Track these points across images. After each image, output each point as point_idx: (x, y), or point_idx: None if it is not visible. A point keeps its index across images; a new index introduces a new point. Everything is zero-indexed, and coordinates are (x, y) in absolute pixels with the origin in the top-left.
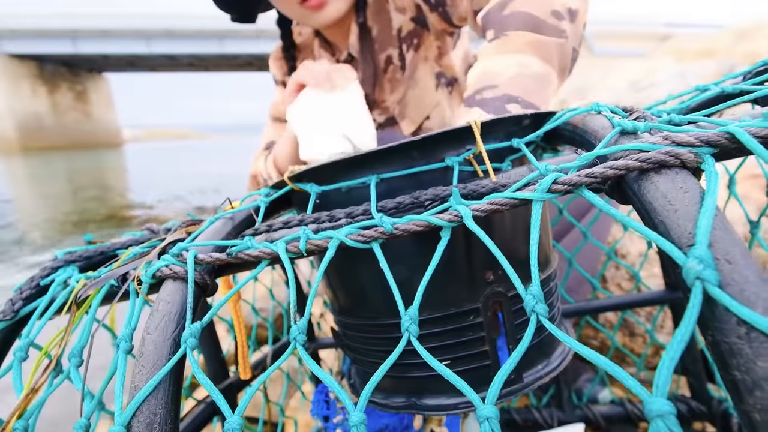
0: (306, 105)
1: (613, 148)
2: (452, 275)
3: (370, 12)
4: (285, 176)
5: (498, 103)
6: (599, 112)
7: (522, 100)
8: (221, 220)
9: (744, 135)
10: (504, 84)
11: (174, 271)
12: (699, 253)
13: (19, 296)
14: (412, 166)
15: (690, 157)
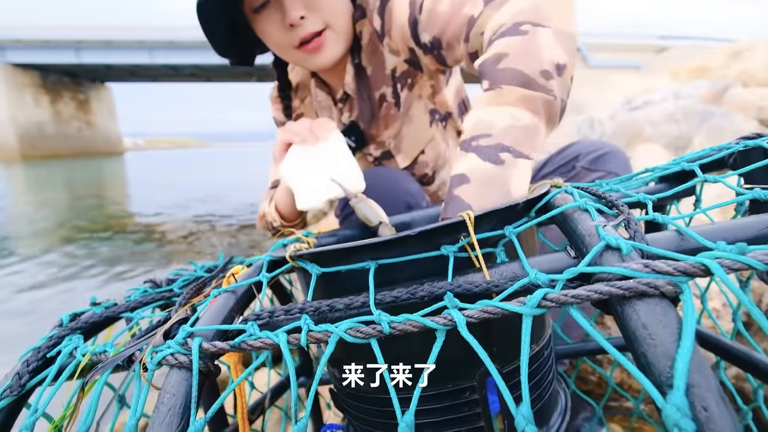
0: (295, 160)
1: (598, 268)
2: (448, 353)
3: (365, 53)
4: (287, 254)
5: (492, 151)
6: (586, 209)
7: (513, 149)
8: (224, 295)
9: (719, 270)
10: (497, 134)
11: (179, 361)
12: (677, 401)
13: (26, 369)
14: (410, 252)
15: (669, 290)
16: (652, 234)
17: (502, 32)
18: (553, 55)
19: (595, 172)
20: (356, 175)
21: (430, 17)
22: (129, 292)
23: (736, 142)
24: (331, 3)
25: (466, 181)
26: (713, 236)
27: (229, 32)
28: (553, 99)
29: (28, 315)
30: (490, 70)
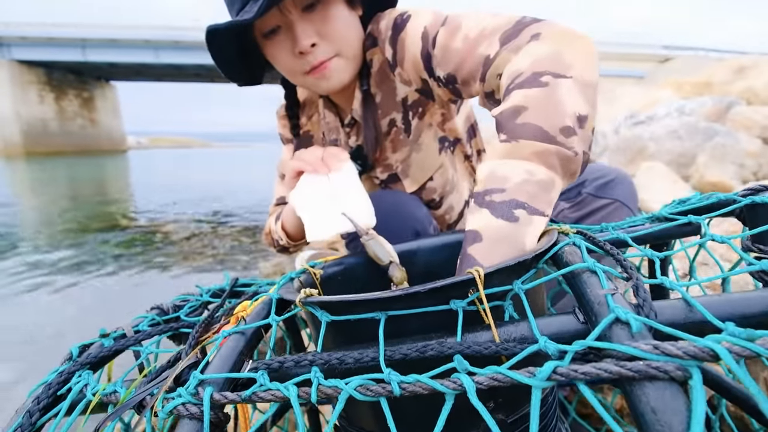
0: (306, 190)
1: (607, 344)
2: (454, 405)
3: (374, 80)
4: (297, 300)
5: (506, 208)
6: (594, 271)
7: (528, 206)
8: (234, 336)
9: (727, 356)
10: (512, 189)
11: (190, 412)
12: None
13: (36, 407)
14: (420, 305)
15: (678, 375)
16: (659, 302)
17: (521, 82)
18: (574, 108)
19: (602, 199)
20: (367, 209)
21: (444, 53)
22: (137, 321)
23: (743, 195)
24: (343, 31)
25: (479, 239)
26: (721, 310)
27: (237, 56)
28: (572, 155)
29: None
30: (509, 123)
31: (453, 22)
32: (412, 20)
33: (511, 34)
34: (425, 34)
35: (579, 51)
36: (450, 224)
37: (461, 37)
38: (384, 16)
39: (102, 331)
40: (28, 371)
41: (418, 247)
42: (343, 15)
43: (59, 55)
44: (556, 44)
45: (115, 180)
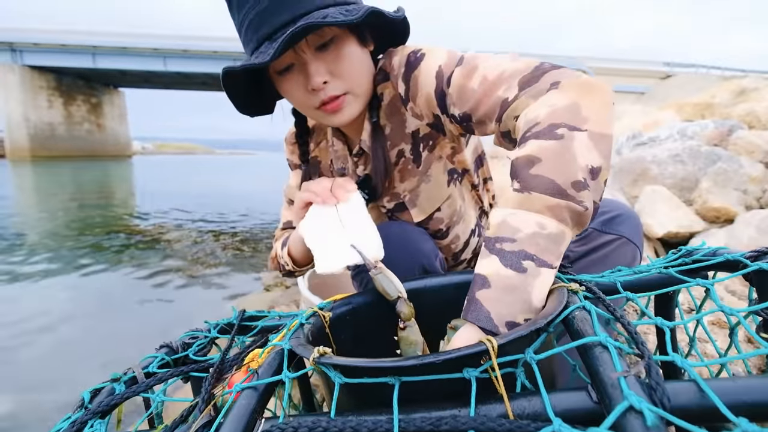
0: (314, 221)
1: None
2: None
3: (384, 112)
4: (312, 359)
5: (515, 258)
6: (606, 347)
7: (537, 258)
8: (246, 392)
9: None
10: (522, 240)
11: None
12: None
13: None
14: (433, 372)
15: None
16: (671, 384)
17: (537, 132)
18: (587, 160)
19: (608, 234)
20: (375, 241)
21: (460, 93)
22: (146, 361)
23: (750, 258)
24: (354, 70)
25: (487, 285)
26: (734, 396)
27: (250, 90)
28: (582, 210)
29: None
30: (523, 173)
31: (470, 63)
32: (426, 59)
33: (531, 80)
34: (440, 74)
35: (595, 103)
36: (455, 253)
37: (479, 79)
38: (397, 53)
39: (113, 375)
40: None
41: (425, 286)
42: (354, 54)
43: (70, 61)
44: (574, 96)
45: (119, 185)
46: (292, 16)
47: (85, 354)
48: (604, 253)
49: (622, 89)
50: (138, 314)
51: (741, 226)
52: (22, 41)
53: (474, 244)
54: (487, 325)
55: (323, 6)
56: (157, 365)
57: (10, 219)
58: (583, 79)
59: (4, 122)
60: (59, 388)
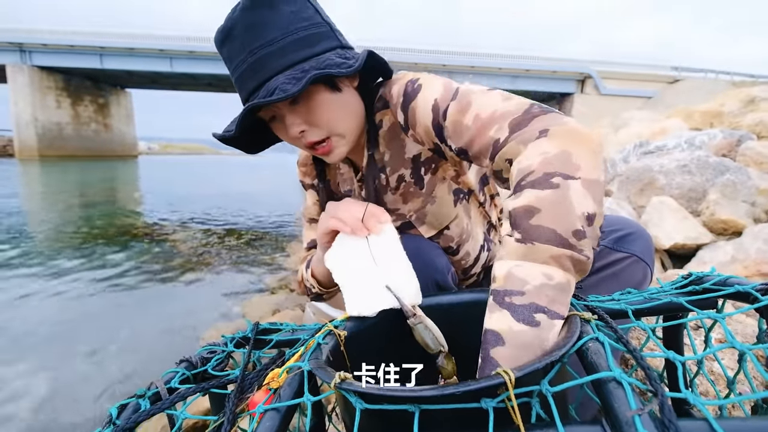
0: (343, 253)
1: None
2: None
3: (383, 139)
4: (332, 384)
5: (526, 312)
6: (620, 383)
7: (548, 310)
8: (269, 415)
9: None
10: (531, 293)
11: None
12: None
13: None
14: (452, 402)
15: None
16: (683, 422)
17: (533, 182)
18: (583, 208)
19: (619, 252)
20: (413, 284)
21: (455, 128)
22: (168, 376)
23: (761, 291)
24: (330, 116)
25: (501, 342)
26: None
27: (252, 133)
28: (585, 259)
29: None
30: (523, 223)
31: (464, 98)
32: (422, 91)
33: (521, 123)
34: (435, 107)
35: (585, 151)
36: (466, 268)
37: (472, 116)
38: (395, 82)
39: (139, 392)
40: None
41: (438, 304)
42: (326, 101)
43: (78, 62)
44: (563, 144)
45: (125, 185)
46: (257, 82)
47: (88, 350)
48: (615, 271)
49: (629, 93)
50: (143, 314)
51: (749, 239)
52: (30, 42)
53: (483, 259)
54: None
55: (281, 69)
56: (179, 380)
57: (18, 217)
58: (571, 126)
59: (13, 122)
60: (64, 382)
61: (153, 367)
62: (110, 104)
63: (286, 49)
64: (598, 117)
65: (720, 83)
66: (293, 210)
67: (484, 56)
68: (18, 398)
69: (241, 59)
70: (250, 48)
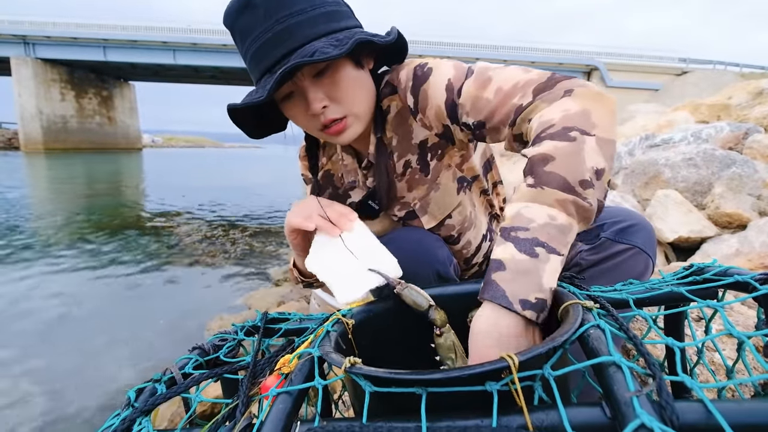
0: (322, 253)
1: None
2: None
3: (390, 125)
4: (343, 368)
5: (528, 244)
6: (620, 367)
7: (548, 245)
8: (282, 398)
9: None
10: (535, 229)
11: None
12: None
13: None
14: (457, 384)
15: None
16: (680, 403)
17: (552, 133)
18: (594, 162)
19: (621, 244)
20: (391, 261)
21: (474, 103)
22: (182, 362)
23: (760, 281)
24: (351, 93)
25: (502, 267)
26: (738, 417)
27: (260, 113)
28: (588, 206)
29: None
30: (537, 169)
31: (483, 75)
32: (434, 73)
33: (545, 87)
34: (449, 86)
35: (604, 111)
36: (467, 258)
37: (494, 90)
38: (403, 67)
39: (155, 376)
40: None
41: (441, 294)
42: (350, 77)
43: (81, 54)
44: (585, 103)
45: (129, 177)
46: (286, 50)
47: (100, 338)
48: (617, 262)
49: (636, 86)
50: (150, 304)
51: (753, 232)
52: (34, 34)
53: (485, 249)
54: (503, 302)
55: (315, 38)
56: (192, 366)
57: (24, 211)
58: (595, 89)
59: (18, 115)
60: (75, 366)
61: (161, 354)
62: (114, 97)
63: (316, 20)
64: None
65: (728, 75)
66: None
67: (489, 48)
68: (34, 384)
69: (265, 27)
70: (277, 17)
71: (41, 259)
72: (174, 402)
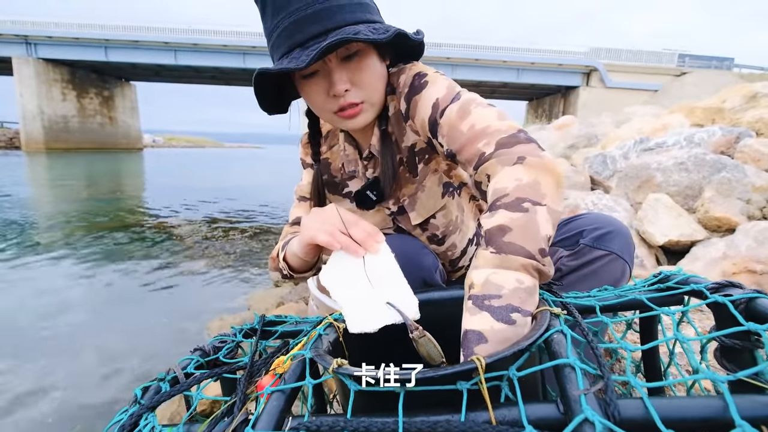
0: (342, 273)
1: None
2: None
3: (390, 122)
4: (330, 369)
5: (504, 312)
6: (574, 368)
7: (522, 310)
8: (276, 396)
9: None
10: (507, 295)
11: None
12: None
13: None
14: (432, 384)
15: None
16: (624, 401)
17: (506, 203)
18: (545, 232)
19: (599, 250)
20: (411, 300)
21: (450, 131)
22: (184, 362)
23: (711, 290)
24: (373, 81)
25: (484, 340)
26: (668, 412)
27: (273, 90)
28: (546, 270)
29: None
30: (496, 240)
31: (465, 105)
32: (428, 88)
33: (506, 143)
34: (436, 105)
35: (552, 182)
36: (452, 260)
37: (468, 124)
38: (405, 71)
39: (159, 375)
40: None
41: (428, 300)
42: (374, 67)
43: (83, 54)
44: (535, 174)
45: (130, 177)
46: (324, 28)
47: (99, 338)
48: (594, 268)
49: (635, 86)
50: (150, 304)
51: (740, 236)
52: (36, 34)
53: (472, 252)
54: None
55: (353, 22)
56: (194, 366)
57: (23, 210)
58: (545, 159)
59: (19, 114)
60: (74, 366)
61: (162, 353)
62: (115, 97)
63: (354, 8)
64: (602, 110)
65: (727, 75)
66: None
67: (489, 49)
68: (39, 386)
69: (305, 3)
70: None
71: (39, 258)
72: (174, 402)
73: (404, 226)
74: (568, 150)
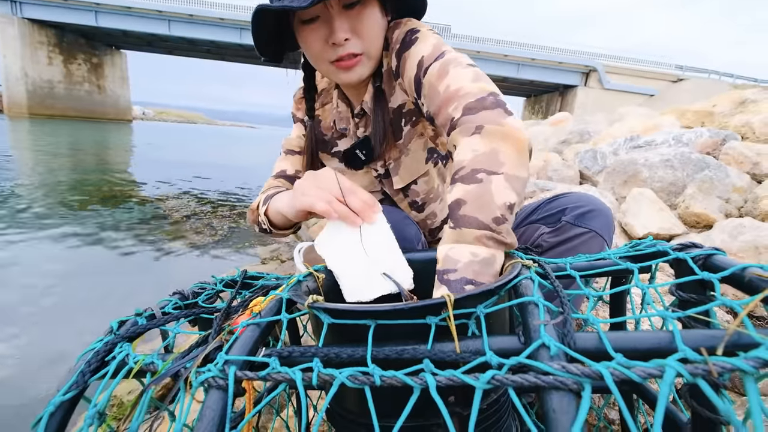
0: (337, 242)
1: (531, 362)
2: (423, 396)
3: (384, 79)
4: (306, 304)
5: (458, 284)
6: (537, 305)
7: (475, 281)
8: (251, 327)
9: (609, 378)
10: (461, 269)
11: (218, 383)
12: None
13: (88, 368)
14: (403, 317)
15: (574, 387)
16: (581, 334)
17: (462, 176)
18: (505, 198)
19: (579, 227)
20: (406, 270)
21: (429, 92)
22: (162, 303)
23: (676, 249)
24: (373, 32)
25: None
26: (621, 343)
27: (271, 34)
28: (503, 239)
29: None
30: (455, 214)
31: (444, 64)
32: (417, 44)
33: (472, 108)
34: (421, 63)
35: (512, 150)
36: (432, 229)
37: (444, 85)
38: (399, 26)
39: (137, 311)
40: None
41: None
42: (376, 18)
43: (71, 17)
44: (494, 143)
45: (118, 150)
46: None
47: (78, 313)
48: (575, 244)
49: (632, 90)
50: (134, 277)
51: (716, 232)
52: None
53: None
54: None
55: None
56: (172, 307)
57: (9, 181)
58: (506, 126)
59: (2, 77)
60: (59, 338)
61: None
62: (104, 65)
63: None
64: (598, 111)
65: (722, 85)
66: None
67: (491, 42)
68: (13, 347)
69: None
70: None
71: (20, 230)
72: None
73: (387, 190)
74: (560, 145)
